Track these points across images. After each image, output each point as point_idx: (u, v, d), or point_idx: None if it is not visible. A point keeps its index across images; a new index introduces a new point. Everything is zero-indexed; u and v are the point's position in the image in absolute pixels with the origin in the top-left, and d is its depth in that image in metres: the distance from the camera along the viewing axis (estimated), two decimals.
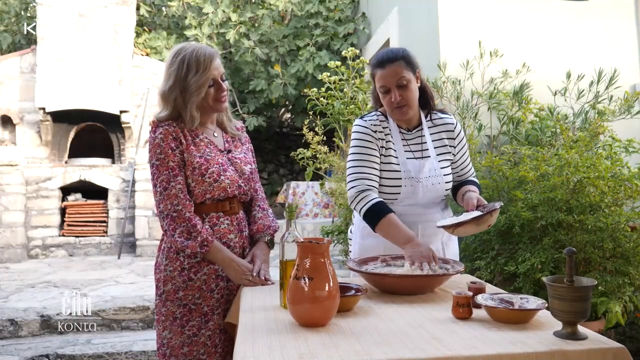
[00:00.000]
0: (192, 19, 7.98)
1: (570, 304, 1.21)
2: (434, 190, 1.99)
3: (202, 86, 1.82)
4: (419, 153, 2.02)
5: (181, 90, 1.82)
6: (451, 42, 3.90)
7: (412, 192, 1.97)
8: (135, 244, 7.13)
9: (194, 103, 1.83)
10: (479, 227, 1.83)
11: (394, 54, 1.96)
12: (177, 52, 1.86)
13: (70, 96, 7.08)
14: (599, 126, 3.33)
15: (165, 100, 1.85)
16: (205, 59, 1.82)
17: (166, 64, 1.87)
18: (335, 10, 7.86)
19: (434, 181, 1.99)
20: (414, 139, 2.04)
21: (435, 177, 1.99)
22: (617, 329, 3.14)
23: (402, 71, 1.92)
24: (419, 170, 1.97)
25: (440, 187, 2.00)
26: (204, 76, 1.81)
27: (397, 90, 1.92)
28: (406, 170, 1.97)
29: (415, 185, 1.97)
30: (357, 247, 2.08)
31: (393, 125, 2.02)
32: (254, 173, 2.01)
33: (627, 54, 4.08)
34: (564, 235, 2.76)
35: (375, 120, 2.03)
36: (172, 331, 1.84)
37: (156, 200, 1.82)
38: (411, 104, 1.97)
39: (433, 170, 1.99)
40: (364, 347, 1.17)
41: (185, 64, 1.81)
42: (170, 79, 1.84)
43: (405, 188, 1.97)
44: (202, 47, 1.86)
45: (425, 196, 1.99)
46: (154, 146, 1.82)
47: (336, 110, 4.19)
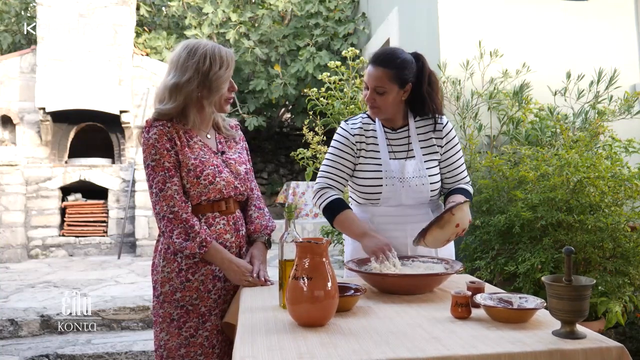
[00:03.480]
0: (192, 19, 7.99)
1: (569, 303, 1.20)
2: (418, 191, 1.98)
3: (224, 83, 1.81)
4: (404, 153, 2.01)
5: (199, 83, 1.79)
6: (451, 42, 3.90)
7: (395, 192, 1.97)
8: (135, 244, 7.13)
9: (213, 99, 1.82)
10: (446, 230, 1.76)
11: (389, 60, 1.93)
12: (194, 46, 1.81)
13: (70, 96, 7.09)
14: (599, 126, 3.32)
15: (177, 92, 1.79)
16: (227, 57, 1.82)
17: (178, 58, 1.81)
18: (335, 10, 7.86)
19: (418, 182, 1.97)
20: (399, 139, 2.03)
21: (420, 177, 1.97)
22: (617, 329, 3.14)
23: (385, 81, 1.91)
24: (401, 170, 1.96)
25: (425, 188, 1.98)
26: (227, 73, 1.81)
27: (373, 93, 1.93)
28: (388, 170, 1.97)
29: (398, 185, 1.96)
30: (350, 249, 2.09)
31: (378, 126, 2.03)
32: (249, 172, 2.00)
33: (627, 54, 4.08)
34: (564, 235, 2.76)
35: (359, 124, 2.04)
36: (169, 332, 1.83)
37: (152, 202, 1.81)
38: (383, 110, 1.97)
39: (418, 171, 1.97)
40: (363, 347, 1.17)
41: (208, 59, 1.78)
42: (188, 71, 1.78)
43: (386, 188, 1.97)
44: (220, 45, 1.84)
45: (410, 197, 1.98)
46: (148, 147, 1.79)
47: (336, 110, 4.18)
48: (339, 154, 2.03)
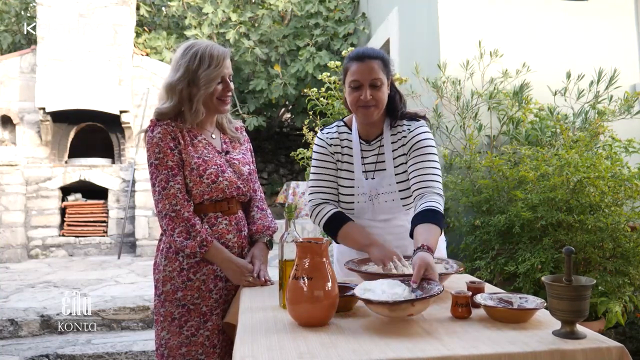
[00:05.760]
0: (192, 19, 7.99)
1: (569, 303, 1.21)
2: (389, 207, 1.94)
3: (212, 81, 1.82)
4: (373, 166, 1.96)
5: (189, 82, 1.81)
6: (451, 42, 3.90)
7: (367, 208, 1.95)
8: (135, 244, 7.13)
9: (201, 97, 1.82)
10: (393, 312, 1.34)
11: (375, 52, 1.88)
12: (190, 46, 1.85)
13: (70, 96, 7.09)
14: (599, 126, 3.32)
15: (172, 92, 1.83)
16: (218, 55, 1.82)
17: (176, 57, 1.86)
18: (335, 10, 7.86)
19: (387, 198, 1.93)
20: (372, 150, 1.97)
21: (390, 193, 1.93)
22: (617, 329, 3.14)
23: (378, 71, 1.84)
24: (372, 188, 1.93)
25: (396, 204, 1.94)
26: (215, 71, 1.81)
27: (370, 89, 1.83)
28: (360, 186, 1.95)
29: (368, 203, 1.94)
30: (336, 251, 2.09)
31: (355, 137, 1.97)
32: (253, 173, 2.01)
33: (627, 54, 4.08)
34: (564, 235, 2.76)
35: (334, 133, 2.00)
36: (170, 332, 1.84)
37: (155, 200, 1.82)
38: (380, 107, 1.87)
39: (388, 186, 1.93)
40: (363, 347, 1.17)
41: (197, 57, 1.81)
42: (180, 70, 1.82)
43: (359, 204, 1.95)
44: (216, 44, 1.87)
45: (379, 213, 1.95)
46: (152, 145, 1.81)
47: (336, 110, 4.18)
48: (322, 165, 1.98)
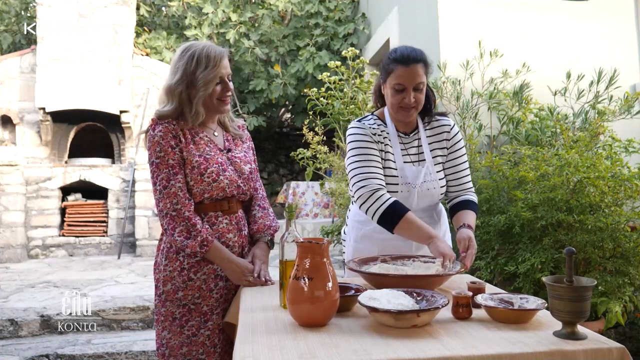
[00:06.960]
0: (192, 19, 7.98)
1: (570, 303, 1.21)
2: (429, 196, 1.99)
3: (210, 82, 1.82)
4: (416, 157, 2.00)
5: (187, 84, 1.82)
6: (451, 42, 3.91)
7: (408, 197, 1.96)
8: (135, 244, 7.13)
9: (200, 98, 1.82)
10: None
11: (419, 55, 1.91)
12: (187, 48, 1.86)
13: (70, 96, 7.09)
14: (599, 126, 3.33)
15: (171, 94, 1.83)
16: (215, 56, 1.82)
17: (174, 59, 1.87)
18: (335, 10, 7.86)
19: (429, 186, 1.97)
20: (411, 142, 2.02)
21: (431, 182, 1.98)
22: (617, 329, 3.15)
23: (422, 75, 1.89)
24: (415, 177, 1.96)
25: (435, 192, 1.99)
26: (213, 72, 1.81)
27: (413, 92, 1.89)
28: (403, 175, 1.95)
29: (412, 191, 1.96)
30: (351, 250, 2.07)
31: (392, 129, 1.99)
32: (254, 172, 2.01)
33: (627, 54, 4.08)
34: (564, 235, 2.76)
35: (373, 124, 1.99)
36: (171, 331, 1.84)
37: (156, 199, 1.82)
38: (419, 107, 1.94)
39: (428, 175, 1.97)
40: (363, 347, 1.17)
41: (195, 59, 1.81)
42: (178, 72, 1.83)
43: (401, 194, 1.95)
44: (213, 45, 1.86)
45: (421, 202, 1.98)
46: (153, 144, 1.81)
47: (336, 110, 4.19)
48: (369, 152, 1.93)
